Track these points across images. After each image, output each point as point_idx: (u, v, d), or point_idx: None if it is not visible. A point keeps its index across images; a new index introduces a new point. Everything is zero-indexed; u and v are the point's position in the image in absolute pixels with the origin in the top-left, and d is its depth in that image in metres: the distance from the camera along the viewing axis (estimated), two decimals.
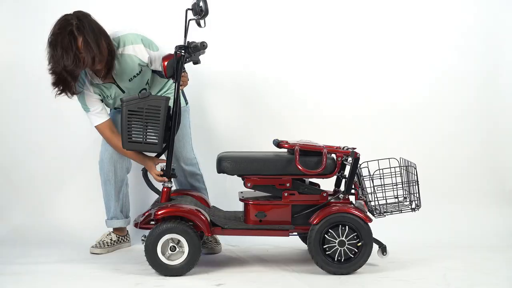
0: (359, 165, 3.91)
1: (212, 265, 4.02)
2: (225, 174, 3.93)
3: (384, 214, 4.01)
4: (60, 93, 3.96)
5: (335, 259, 3.80)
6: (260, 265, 4.06)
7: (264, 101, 5.04)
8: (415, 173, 4.02)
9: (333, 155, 3.94)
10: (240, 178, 3.96)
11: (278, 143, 3.96)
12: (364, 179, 3.99)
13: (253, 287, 3.62)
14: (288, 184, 3.90)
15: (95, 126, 4.16)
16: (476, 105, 4.97)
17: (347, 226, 3.78)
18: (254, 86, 5.07)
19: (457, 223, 4.68)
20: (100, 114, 4.14)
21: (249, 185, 3.90)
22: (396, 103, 4.99)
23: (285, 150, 4.04)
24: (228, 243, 4.57)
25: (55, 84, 3.91)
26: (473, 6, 5.14)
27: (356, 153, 3.86)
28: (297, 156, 3.84)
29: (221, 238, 4.45)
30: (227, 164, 3.89)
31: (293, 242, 4.42)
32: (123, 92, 4.16)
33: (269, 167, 3.89)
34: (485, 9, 5.15)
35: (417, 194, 4.01)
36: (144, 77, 4.16)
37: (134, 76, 4.12)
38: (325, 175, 3.93)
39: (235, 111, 5.06)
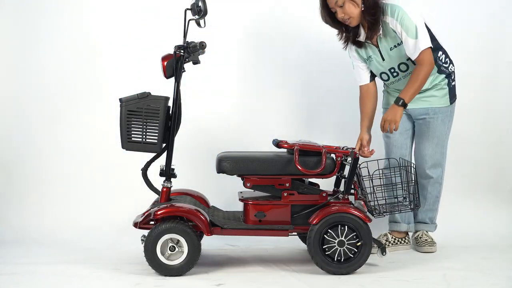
0: (358, 165, 3.91)
1: (212, 265, 4.02)
2: (224, 174, 3.93)
3: (384, 214, 4.01)
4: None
5: (335, 259, 3.80)
6: (260, 265, 4.05)
7: (264, 101, 5.04)
8: (414, 173, 4.02)
9: (333, 155, 3.94)
10: (239, 178, 3.96)
11: (277, 143, 3.96)
12: (364, 179, 3.99)
13: (253, 287, 3.62)
14: (287, 184, 3.90)
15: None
16: (476, 105, 4.97)
17: (346, 226, 3.77)
18: (254, 86, 5.08)
19: (457, 223, 4.68)
20: (360, 72, 4.34)
21: (248, 185, 3.90)
22: None
23: (285, 150, 4.03)
24: (228, 243, 4.58)
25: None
26: (473, 6, 5.14)
27: (356, 153, 3.86)
28: (297, 156, 3.84)
29: (221, 238, 4.44)
30: (227, 164, 3.89)
31: (293, 242, 4.42)
32: (383, 60, 4.22)
33: (268, 167, 3.89)
34: (485, 9, 5.14)
35: (416, 194, 4.01)
36: (403, 51, 4.17)
37: (395, 46, 4.17)
38: (324, 175, 3.93)
39: (235, 111, 5.06)
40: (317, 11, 4.20)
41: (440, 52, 4.23)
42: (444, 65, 4.24)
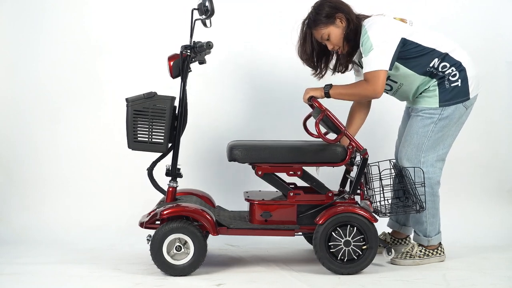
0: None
1: (212, 265, 4.02)
2: (235, 162, 3.93)
3: (389, 214, 4.04)
4: None
5: (338, 258, 3.81)
6: (260, 265, 4.06)
7: (270, 101, 5.04)
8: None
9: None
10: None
11: (311, 99, 3.98)
12: (370, 180, 4.00)
13: (253, 287, 3.63)
14: (299, 172, 3.92)
15: None
16: (475, 105, 5.03)
17: (355, 227, 3.79)
18: (260, 86, 5.10)
19: (457, 222, 4.73)
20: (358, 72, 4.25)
21: (260, 173, 3.91)
22: (398, 103, 5.00)
23: (296, 139, 4.02)
24: (228, 243, 4.57)
25: None
26: (473, 6, 5.20)
27: (366, 153, 3.89)
28: (321, 117, 3.87)
29: (221, 238, 4.44)
30: (238, 152, 3.88)
31: (294, 242, 4.42)
32: None
33: (280, 155, 3.89)
34: (485, 9, 5.21)
35: (422, 195, 4.01)
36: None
37: None
38: (335, 163, 3.94)
39: (242, 111, 5.06)
40: None
41: (436, 59, 4.03)
42: (441, 70, 4.05)
